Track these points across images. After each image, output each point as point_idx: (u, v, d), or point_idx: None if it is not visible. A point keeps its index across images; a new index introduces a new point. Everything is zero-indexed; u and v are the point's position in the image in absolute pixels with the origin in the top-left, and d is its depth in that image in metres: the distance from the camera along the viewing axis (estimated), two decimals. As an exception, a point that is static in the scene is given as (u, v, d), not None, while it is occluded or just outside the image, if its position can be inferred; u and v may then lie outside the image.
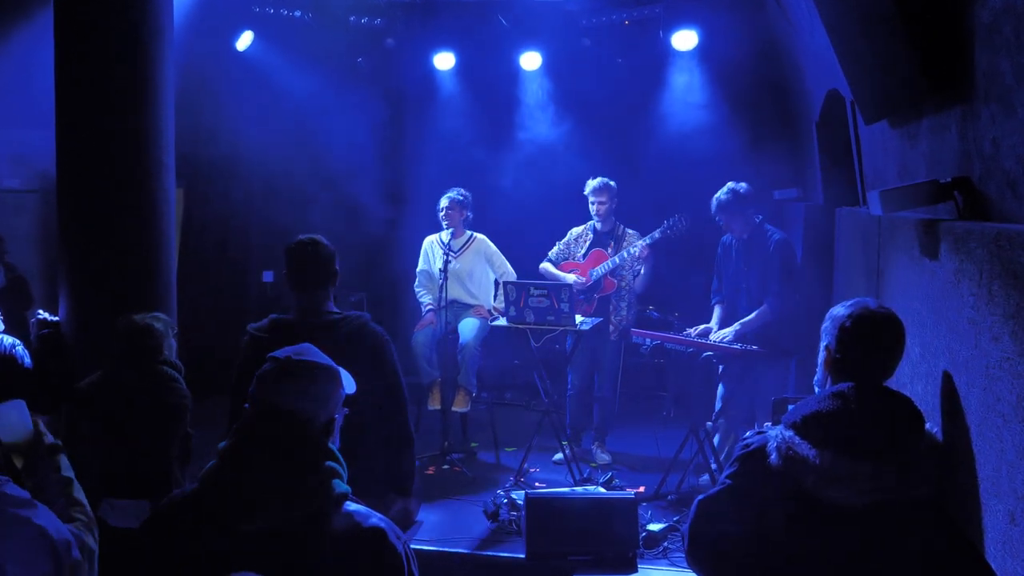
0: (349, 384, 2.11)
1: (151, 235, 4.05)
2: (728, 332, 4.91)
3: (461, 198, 6.01)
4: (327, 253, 3.12)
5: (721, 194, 4.90)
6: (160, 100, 4.08)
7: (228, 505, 1.76)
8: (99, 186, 3.94)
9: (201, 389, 3.85)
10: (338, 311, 3.15)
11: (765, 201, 5.16)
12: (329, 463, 1.83)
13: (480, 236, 6.14)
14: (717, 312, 5.21)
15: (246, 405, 1.88)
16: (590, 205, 5.73)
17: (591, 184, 5.72)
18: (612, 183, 5.71)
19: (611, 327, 5.68)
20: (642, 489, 5.14)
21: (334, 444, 1.92)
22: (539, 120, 7.41)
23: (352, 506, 1.83)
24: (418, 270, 6.22)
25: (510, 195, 7.20)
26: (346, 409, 2.00)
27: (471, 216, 6.08)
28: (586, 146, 7.06)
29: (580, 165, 6.75)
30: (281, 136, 7.04)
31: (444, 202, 5.99)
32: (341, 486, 1.81)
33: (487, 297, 6.10)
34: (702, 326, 5.16)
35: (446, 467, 5.62)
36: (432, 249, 6.12)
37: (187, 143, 4.65)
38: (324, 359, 1.96)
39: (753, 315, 4.88)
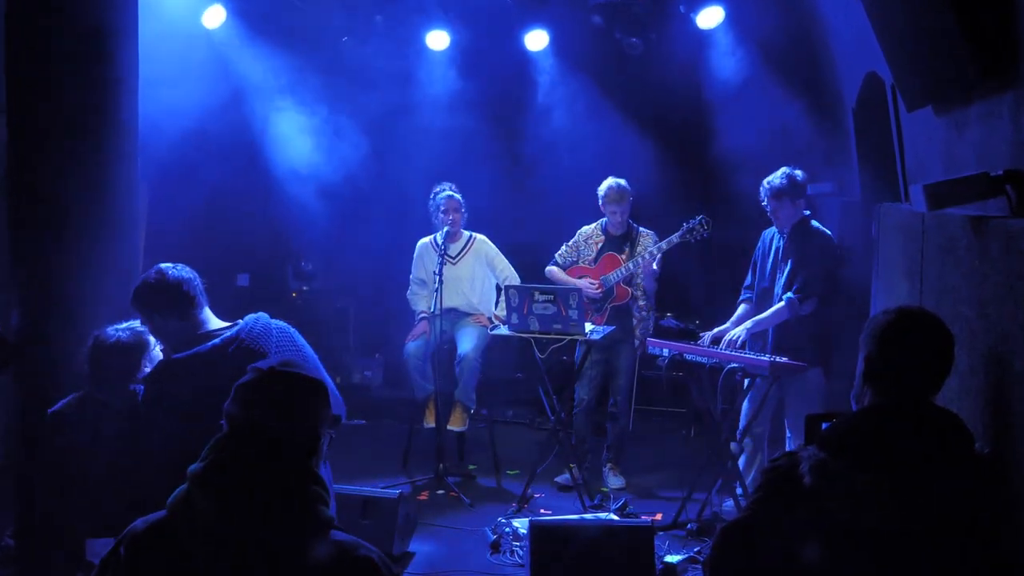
0: (337, 404, 2.11)
1: (113, 235, 4.05)
2: (740, 331, 4.91)
3: (459, 195, 6.00)
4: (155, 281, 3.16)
5: (775, 178, 4.90)
6: (123, 83, 4.09)
7: (199, 534, 1.76)
8: (54, 179, 3.93)
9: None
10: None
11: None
12: (313, 487, 1.83)
13: (480, 237, 6.12)
14: (740, 311, 5.19)
15: (221, 422, 1.88)
16: (608, 214, 5.68)
17: (609, 194, 5.64)
18: (627, 186, 5.67)
19: (636, 341, 5.67)
20: (659, 516, 5.14)
21: (319, 467, 1.91)
22: (544, 107, 7.42)
23: (339, 535, 1.84)
24: (411, 277, 6.21)
25: (511, 190, 7.20)
26: (333, 431, 2.00)
27: (466, 214, 6.08)
28: (596, 136, 7.07)
29: (589, 156, 6.76)
30: (256, 124, 7.04)
31: (445, 201, 5.96)
32: (327, 513, 1.81)
33: (489, 306, 6.09)
34: (716, 329, 5.14)
35: (441, 492, 5.62)
36: (427, 254, 6.08)
37: (150, 134, 4.64)
38: (309, 371, 1.96)
39: (768, 312, 4.86)
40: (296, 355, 3.04)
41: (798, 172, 4.91)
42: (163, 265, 3.17)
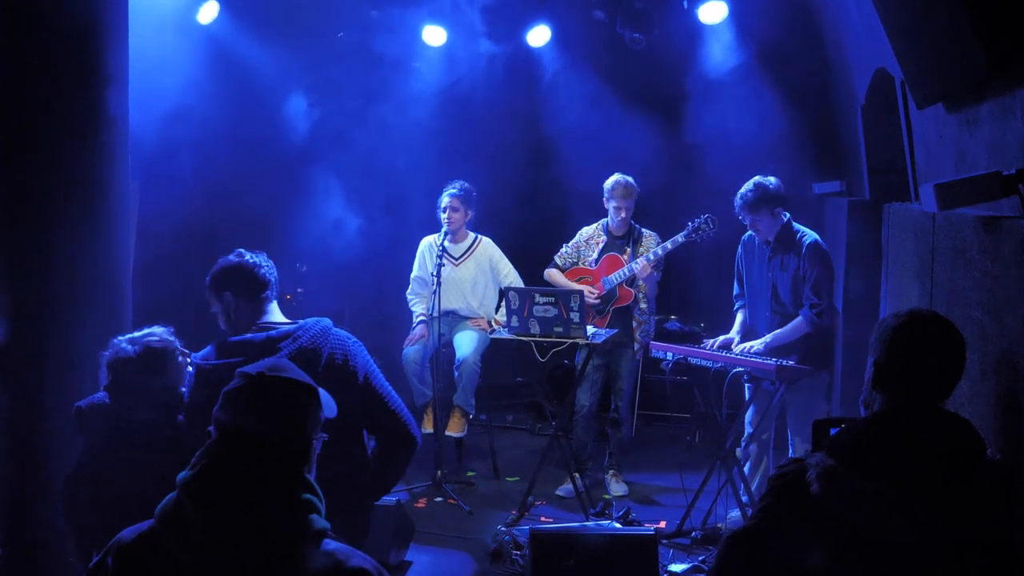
0: (329, 408, 2.10)
1: (103, 235, 4.04)
2: (758, 344, 4.87)
3: (464, 193, 5.96)
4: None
5: (746, 190, 4.83)
6: (113, 81, 4.08)
7: (188, 544, 1.75)
8: (43, 179, 3.93)
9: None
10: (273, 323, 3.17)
11: (793, 197, 5.12)
12: (306, 495, 1.82)
13: (485, 239, 6.12)
14: (740, 318, 5.18)
15: (210, 428, 1.87)
16: (612, 209, 5.68)
17: (616, 188, 5.61)
18: (634, 183, 5.65)
19: (636, 345, 5.66)
20: (663, 524, 5.14)
21: (311, 474, 1.91)
22: (545, 104, 7.41)
23: (332, 544, 1.83)
24: (413, 276, 6.20)
25: (512, 189, 7.19)
26: (324, 435, 1.99)
27: (473, 215, 6.06)
28: (599, 133, 7.06)
29: (591, 154, 6.74)
30: (252, 122, 7.03)
31: (445, 199, 5.95)
32: (320, 522, 1.80)
33: (489, 310, 6.08)
34: (722, 337, 5.13)
35: (439, 499, 5.62)
36: (430, 252, 6.07)
37: (142, 130, 4.64)
38: (301, 376, 1.95)
39: (787, 327, 4.82)
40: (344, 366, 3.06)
41: (770, 179, 4.85)
42: (241, 249, 3.32)
